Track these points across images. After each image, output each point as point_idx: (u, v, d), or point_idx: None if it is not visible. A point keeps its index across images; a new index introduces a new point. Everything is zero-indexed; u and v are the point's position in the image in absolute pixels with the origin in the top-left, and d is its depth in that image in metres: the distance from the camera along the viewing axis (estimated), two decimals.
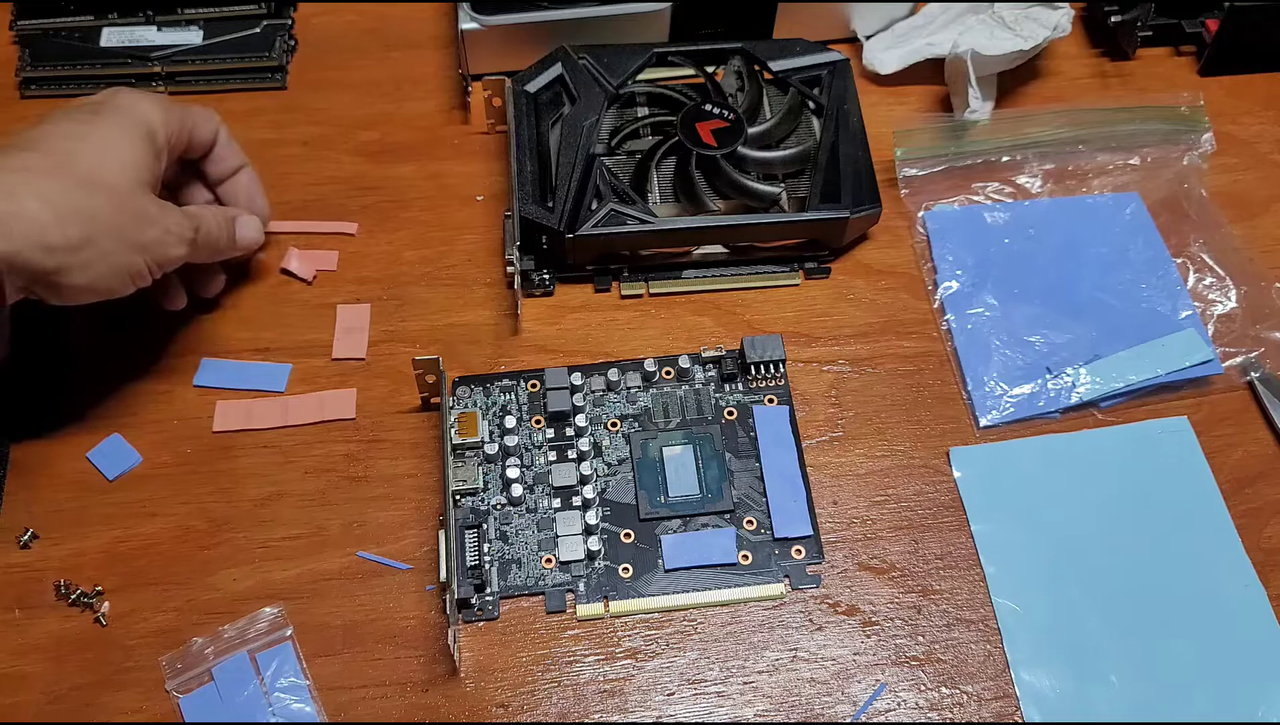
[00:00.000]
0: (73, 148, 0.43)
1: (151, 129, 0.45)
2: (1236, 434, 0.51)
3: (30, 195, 0.40)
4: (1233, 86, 0.62)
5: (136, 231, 0.43)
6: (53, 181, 0.41)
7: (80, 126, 0.44)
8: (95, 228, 0.42)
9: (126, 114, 0.45)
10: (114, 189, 0.43)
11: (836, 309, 0.54)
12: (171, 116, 0.47)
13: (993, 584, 0.47)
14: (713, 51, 0.58)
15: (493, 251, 0.56)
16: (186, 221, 0.46)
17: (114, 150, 0.44)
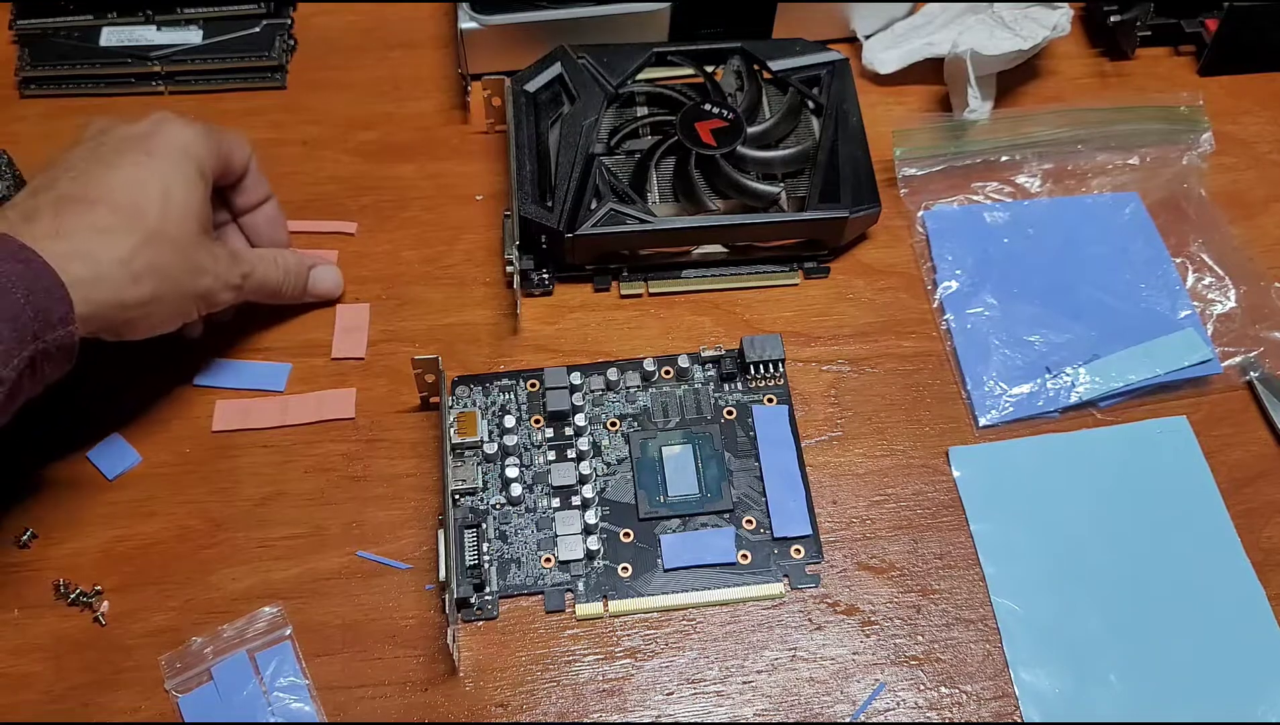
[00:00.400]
0: (138, 200, 0.43)
1: (201, 166, 0.46)
2: (1235, 434, 0.51)
3: (109, 258, 0.41)
4: (1232, 86, 0.62)
5: (194, 281, 0.45)
6: (125, 240, 0.42)
7: (140, 171, 0.44)
8: (162, 282, 0.43)
9: (180, 154, 0.45)
10: (178, 242, 0.44)
11: (836, 309, 0.54)
12: (212, 146, 0.47)
13: (992, 583, 0.47)
14: (712, 51, 0.58)
15: (492, 251, 0.56)
16: (235, 268, 0.47)
17: (176, 199, 0.44)
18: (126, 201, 0.43)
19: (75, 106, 0.60)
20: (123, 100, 0.61)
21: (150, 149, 0.45)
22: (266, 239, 0.52)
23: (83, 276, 0.40)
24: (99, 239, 0.41)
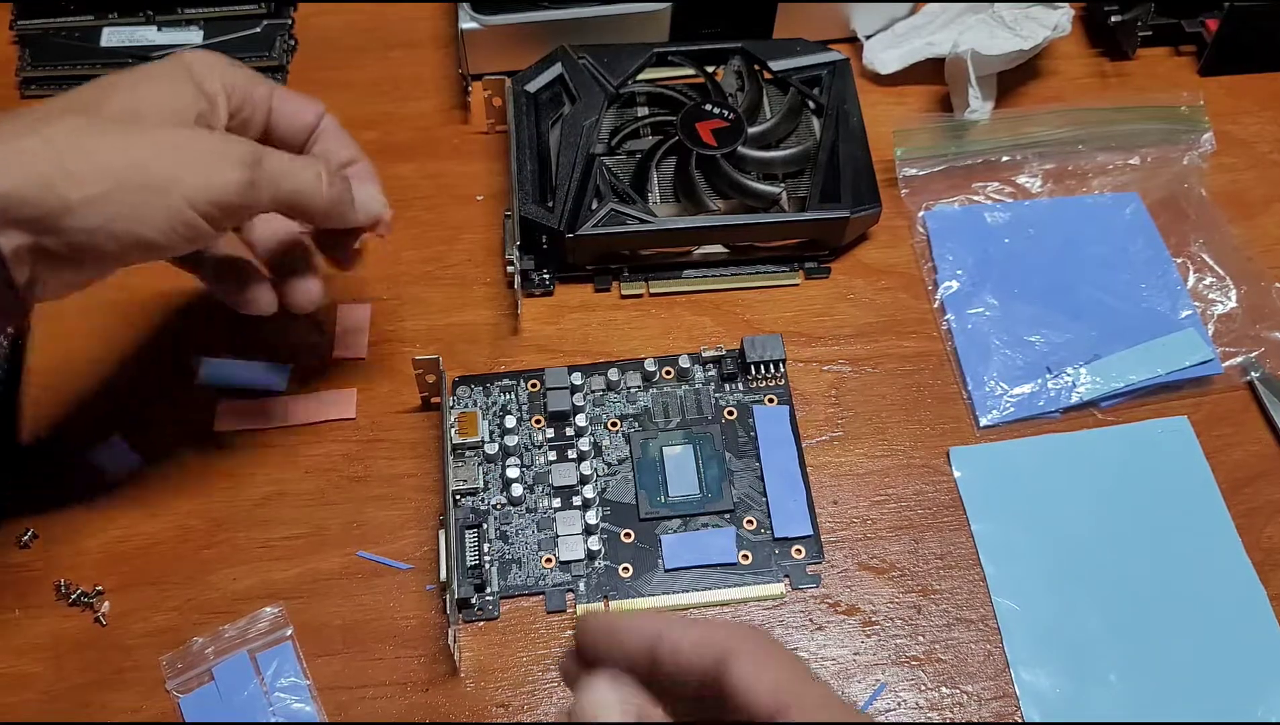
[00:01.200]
0: (100, 95, 0.37)
1: (199, 75, 0.39)
2: (1236, 434, 0.51)
3: (32, 134, 0.34)
4: (1232, 86, 0.62)
5: (173, 162, 0.36)
6: (66, 120, 0.35)
7: (116, 76, 0.38)
8: (114, 161, 0.35)
9: (173, 61, 0.39)
10: (142, 122, 0.36)
11: (836, 309, 0.54)
12: (233, 73, 0.40)
13: (993, 583, 0.47)
14: (713, 51, 0.58)
15: (493, 251, 0.56)
16: (243, 145, 0.38)
17: (147, 89, 0.37)
18: (87, 96, 0.37)
19: None
20: None
21: (140, 68, 0.39)
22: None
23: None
24: (30, 121, 0.35)
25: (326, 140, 0.43)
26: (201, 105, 0.38)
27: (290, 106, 0.42)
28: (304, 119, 0.42)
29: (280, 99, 0.42)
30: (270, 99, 0.41)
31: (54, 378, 0.51)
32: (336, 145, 0.43)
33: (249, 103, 0.40)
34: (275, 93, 0.42)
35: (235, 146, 0.37)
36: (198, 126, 0.38)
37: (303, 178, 0.39)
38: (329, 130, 0.43)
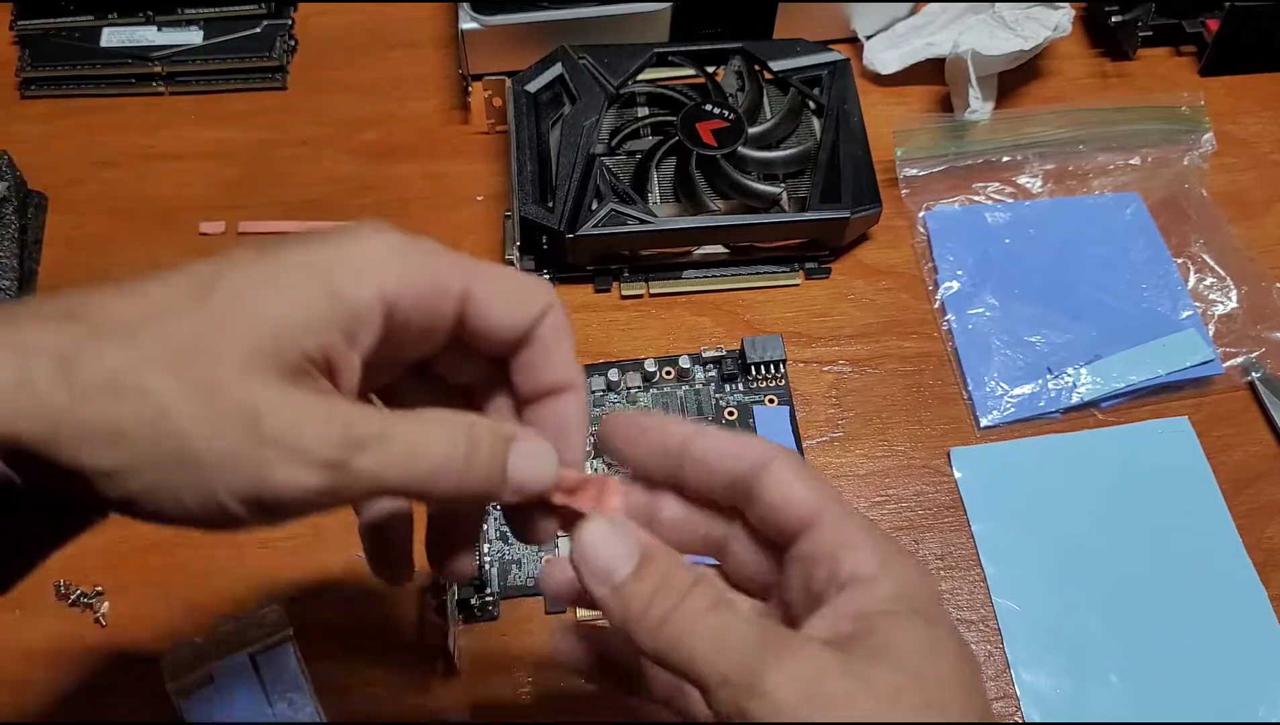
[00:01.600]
0: (173, 298, 0.25)
1: (343, 280, 0.26)
2: (1237, 434, 0.51)
3: (56, 360, 0.23)
4: (1233, 86, 0.62)
5: (218, 439, 0.24)
6: (107, 342, 0.24)
7: (237, 260, 0.26)
8: (140, 416, 0.24)
9: (326, 251, 0.26)
10: (201, 367, 0.24)
11: (837, 309, 0.54)
12: (411, 267, 0.27)
13: (993, 584, 0.47)
14: (713, 51, 0.58)
15: (493, 252, 0.56)
16: (332, 430, 0.25)
17: (247, 307, 0.25)
18: (156, 295, 0.25)
19: (76, 107, 0.60)
20: (123, 100, 0.60)
21: (296, 239, 0.27)
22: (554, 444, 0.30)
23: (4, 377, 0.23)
24: (64, 333, 0.24)
25: (537, 351, 0.30)
26: (325, 336, 0.26)
27: (497, 303, 0.28)
28: (512, 320, 0.29)
29: (485, 285, 0.28)
30: (467, 288, 0.28)
31: None
32: (546, 361, 0.30)
33: (427, 305, 0.28)
34: (477, 279, 0.28)
35: (320, 433, 0.25)
36: (287, 384, 0.25)
37: (428, 458, 0.26)
38: (546, 337, 0.29)
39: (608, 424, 0.31)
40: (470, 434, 0.27)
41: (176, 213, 0.56)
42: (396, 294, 0.27)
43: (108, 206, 0.57)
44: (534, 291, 0.29)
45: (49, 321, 0.24)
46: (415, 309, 0.27)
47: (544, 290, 0.29)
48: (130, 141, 0.59)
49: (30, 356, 0.23)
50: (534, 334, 0.29)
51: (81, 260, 0.55)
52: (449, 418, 0.27)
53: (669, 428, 0.30)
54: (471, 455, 0.27)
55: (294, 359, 0.25)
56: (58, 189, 0.57)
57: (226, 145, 0.59)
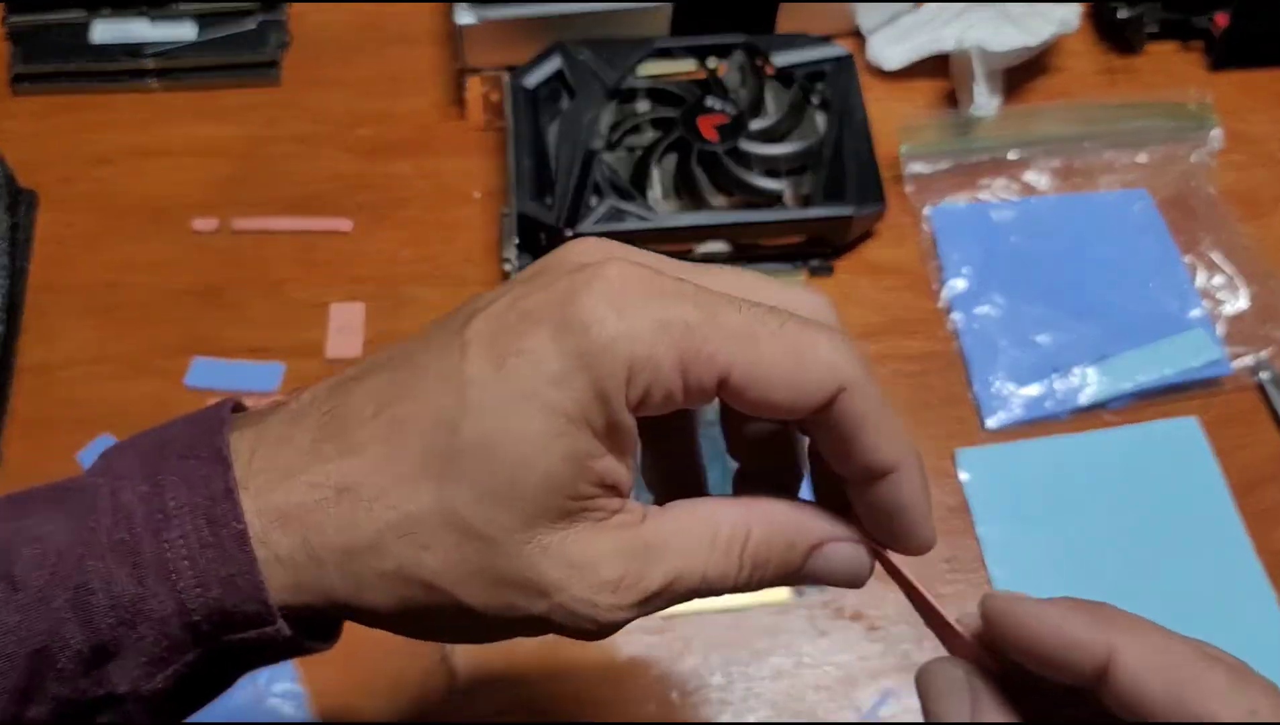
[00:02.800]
0: (443, 441, 0.23)
1: (617, 399, 0.23)
2: (1246, 434, 0.50)
3: (346, 537, 0.23)
4: (1242, 83, 0.62)
5: (509, 598, 0.24)
6: (389, 507, 0.23)
7: (473, 388, 0.23)
8: (436, 592, 0.24)
9: (551, 365, 0.23)
10: (477, 551, 0.23)
11: (841, 308, 0.52)
12: (655, 355, 0.23)
13: (999, 587, 0.46)
14: (715, 46, 0.57)
15: (491, 249, 0.55)
16: (618, 584, 0.24)
17: (505, 466, 0.23)
18: (424, 441, 0.23)
19: (68, 103, 0.59)
20: (116, 97, 0.60)
21: (522, 336, 0.23)
22: (885, 531, 0.26)
23: (295, 558, 0.23)
24: (344, 501, 0.23)
25: (837, 436, 0.25)
26: (594, 465, 0.23)
27: (766, 384, 0.23)
28: (788, 404, 0.24)
29: (752, 359, 0.23)
30: (729, 362, 0.23)
31: (45, 377, 0.50)
32: (851, 447, 0.25)
33: (682, 391, 0.23)
34: (742, 351, 0.23)
35: (611, 598, 0.24)
36: (567, 527, 0.24)
37: (719, 572, 0.25)
38: (843, 423, 0.25)
39: (1017, 624, 0.23)
40: (764, 540, 0.25)
41: (169, 210, 0.56)
42: (641, 393, 0.23)
43: (100, 204, 0.56)
44: (815, 372, 0.23)
45: (324, 499, 0.23)
46: (662, 402, 0.23)
47: (832, 367, 0.24)
48: (122, 138, 0.58)
49: (313, 548, 0.23)
50: (833, 419, 0.24)
51: (73, 258, 0.54)
52: (743, 519, 0.25)
53: (1091, 641, 0.22)
54: (765, 562, 0.25)
55: (570, 503, 0.23)
56: (49, 186, 0.56)
57: (220, 142, 0.58)
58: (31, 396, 0.50)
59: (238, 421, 0.25)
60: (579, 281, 0.23)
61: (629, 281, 0.23)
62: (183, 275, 0.53)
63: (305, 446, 0.24)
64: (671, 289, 0.23)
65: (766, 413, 0.24)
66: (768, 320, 0.23)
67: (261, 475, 0.24)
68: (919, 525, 0.26)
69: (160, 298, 0.53)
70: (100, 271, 0.53)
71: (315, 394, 0.25)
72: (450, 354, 0.24)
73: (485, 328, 0.24)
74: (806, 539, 0.26)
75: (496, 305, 0.24)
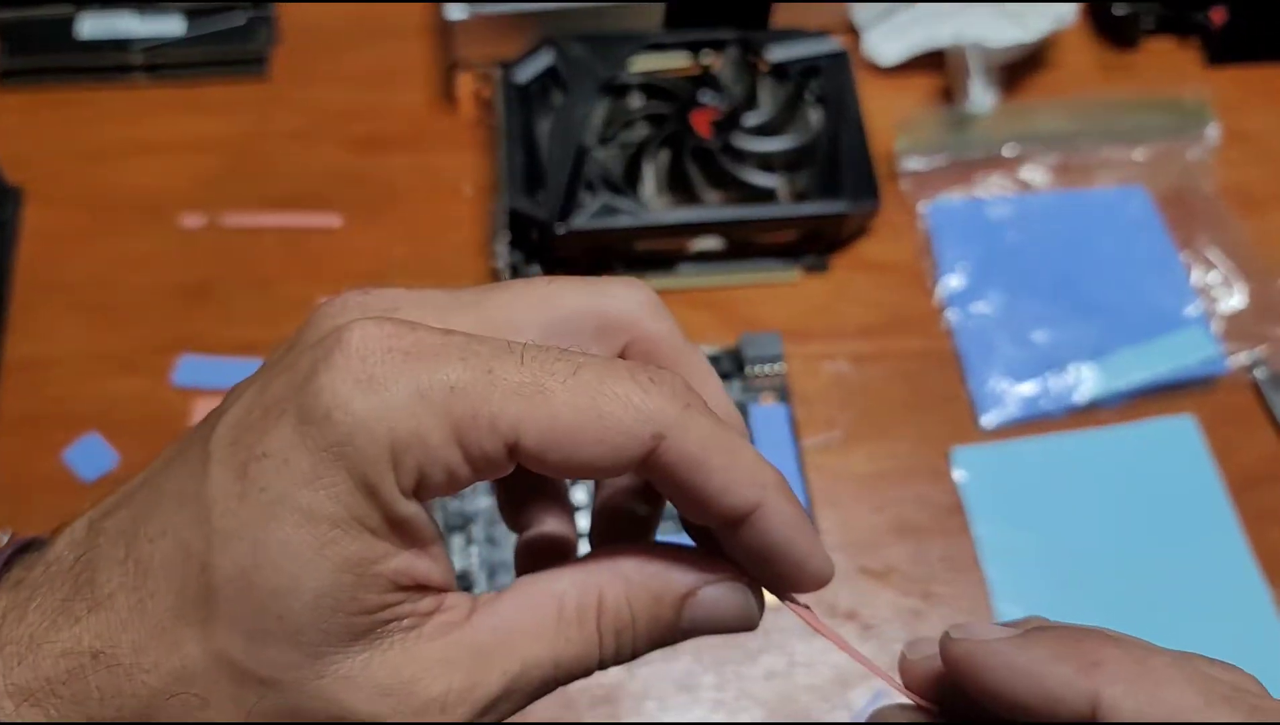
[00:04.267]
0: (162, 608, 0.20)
1: (365, 484, 0.19)
2: (1243, 433, 0.50)
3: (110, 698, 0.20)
4: (1240, 79, 0.61)
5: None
6: (150, 672, 0.20)
7: (216, 507, 0.20)
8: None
9: (299, 465, 0.19)
10: (237, 683, 0.20)
11: (836, 305, 0.53)
12: (420, 432, 0.19)
13: (995, 587, 0.46)
14: (708, 41, 0.57)
15: (482, 245, 0.54)
16: (454, 698, 0.20)
17: (261, 579, 0.19)
18: (174, 582, 0.20)
19: (55, 98, 0.59)
20: (103, 91, 0.59)
21: (263, 434, 0.20)
22: (766, 568, 0.22)
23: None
24: (100, 667, 0.20)
25: (682, 490, 0.21)
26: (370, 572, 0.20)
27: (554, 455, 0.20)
28: (582, 464, 0.20)
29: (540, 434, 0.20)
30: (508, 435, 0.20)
31: (31, 374, 0.50)
32: (701, 497, 0.21)
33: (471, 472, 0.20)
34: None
35: (459, 685, 0.21)
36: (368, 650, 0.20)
37: (580, 657, 0.22)
38: (674, 474, 0.21)
39: (988, 668, 0.21)
40: (614, 617, 0.22)
41: (157, 206, 0.55)
42: (416, 477, 0.20)
43: (87, 200, 0.55)
44: (624, 422, 0.20)
45: (80, 668, 0.20)
46: (443, 481, 0.20)
47: (642, 416, 0.20)
48: (110, 134, 0.57)
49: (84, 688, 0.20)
50: (656, 469, 0.21)
51: (60, 255, 0.53)
52: (555, 610, 0.21)
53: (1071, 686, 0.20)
54: (621, 635, 0.22)
55: (360, 620, 0.20)
56: (35, 182, 0.55)
57: (208, 137, 0.57)
58: (18, 394, 0.49)
59: (9, 573, 0.22)
60: (319, 356, 0.19)
61: (376, 346, 0.19)
62: (171, 271, 0.53)
63: (55, 605, 0.20)
64: (432, 347, 0.19)
65: (577, 475, 0.21)
66: (558, 368, 0.20)
67: (9, 647, 0.20)
68: (805, 560, 0.22)
69: (148, 294, 0.52)
70: (87, 268, 0.53)
71: (74, 535, 0.22)
72: (193, 472, 0.20)
73: (226, 433, 0.20)
74: (673, 589, 0.22)
75: (241, 402, 0.20)
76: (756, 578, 0.23)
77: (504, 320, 0.22)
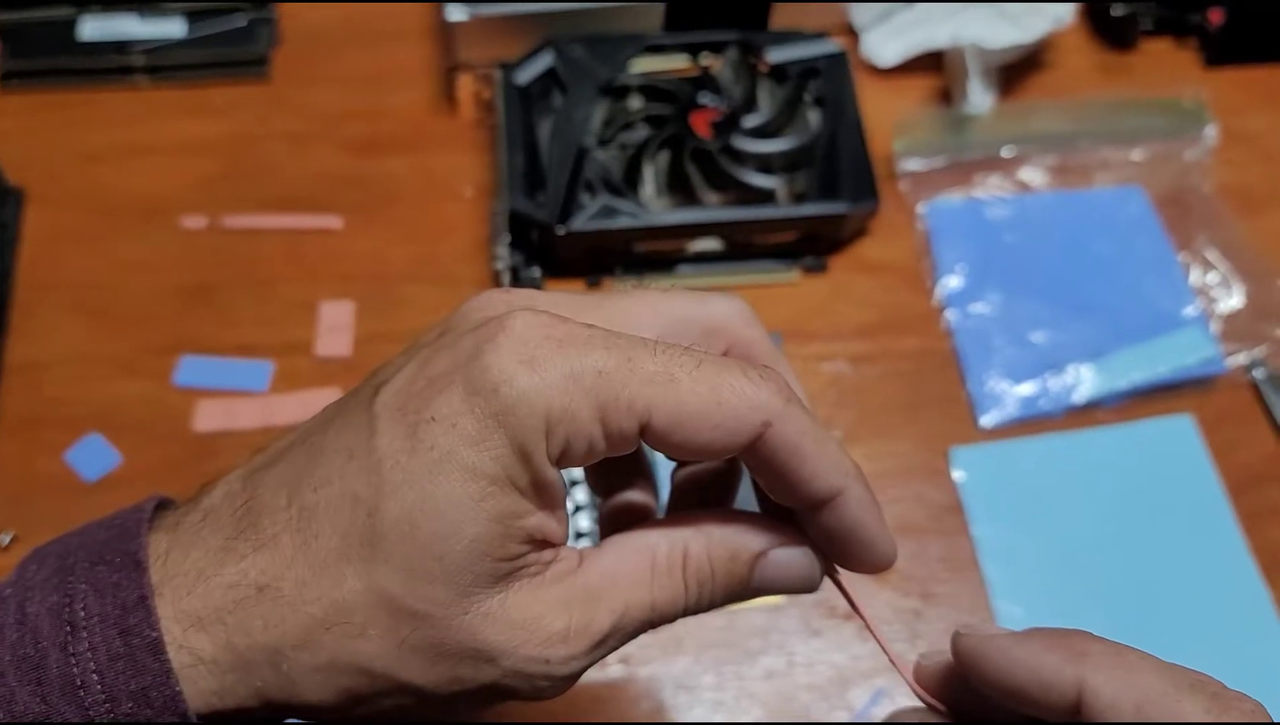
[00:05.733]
0: (358, 525, 0.23)
1: (520, 448, 0.22)
2: (1241, 433, 0.50)
3: (270, 637, 0.23)
4: (1237, 80, 0.61)
5: (450, 673, 0.23)
6: (307, 608, 0.23)
7: (385, 461, 0.22)
8: (375, 679, 0.23)
9: (465, 427, 0.22)
10: (415, 629, 0.23)
11: (835, 306, 0.53)
12: (571, 408, 0.22)
13: (994, 587, 0.46)
14: (708, 42, 0.57)
15: (482, 247, 0.54)
16: (566, 634, 0.24)
17: (429, 542, 0.22)
18: (341, 525, 0.23)
19: (56, 100, 0.59)
20: (104, 93, 0.59)
21: (431, 400, 0.23)
22: (840, 552, 0.26)
23: (221, 662, 0.23)
24: (265, 599, 0.23)
25: (768, 472, 0.24)
26: (523, 525, 0.23)
27: (687, 428, 0.23)
28: (712, 447, 0.23)
29: (666, 405, 0.23)
30: (648, 409, 0.23)
31: (33, 375, 0.50)
32: (785, 481, 0.24)
33: (604, 442, 0.23)
34: (655, 397, 0.23)
35: (551, 650, 0.24)
36: (504, 591, 0.23)
37: (665, 604, 0.25)
38: (773, 459, 0.24)
39: (984, 661, 0.25)
40: (703, 566, 0.25)
41: (158, 208, 0.55)
42: (561, 447, 0.23)
43: (88, 202, 0.55)
44: (736, 412, 0.23)
45: (245, 599, 0.23)
46: (584, 453, 0.23)
47: (755, 406, 0.23)
48: (111, 136, 0.58)
49: (239, 650, 0.23)
50: (762, 455, 0.24)
51: (61, 256, 0.53)
52: (682, 543, 0.25)
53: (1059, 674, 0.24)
54: (702, 588, 0.25)
55: (503, 566, 0.23)
56: (36, 184, 0.55)
57: (209, 139, 0.58)
58: (19, 396, 0.49)
59: (158, 521, 0.25)
60: (483, 338, 0.23)
61: (535, 333, 0.23)
62: (172, 273, 0.53)
63: (219, 544, 0.23)
64: (581, 337, 0.23)
65: (693, 456, 0.24)
66: (684, 361, 0.23)
67: (177, 578, 0.23)
68: (875, 543, 0.26)
69: (149, 296, 0.52)
70: (88, 270, 0.53)
71: (229, 487, 0.24)
72: (359, 431, 0.23)
73: (392, 400, 0.23)
74: (749, 548, 0.25)
75: (402, 374, 0.23)
76: (833, 556, 0.26)
77: (626, 321, 0.25)
